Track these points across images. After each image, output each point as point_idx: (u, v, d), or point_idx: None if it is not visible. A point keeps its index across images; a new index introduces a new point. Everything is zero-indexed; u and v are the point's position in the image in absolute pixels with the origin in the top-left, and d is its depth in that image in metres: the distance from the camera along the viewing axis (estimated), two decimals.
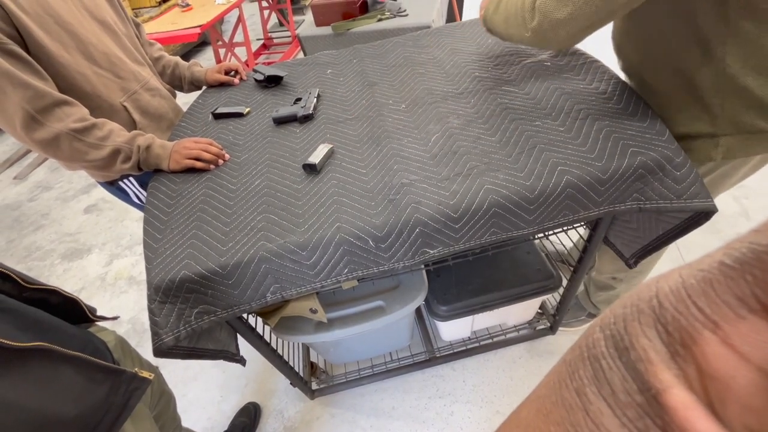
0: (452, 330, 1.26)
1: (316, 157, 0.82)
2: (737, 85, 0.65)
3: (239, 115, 1.05)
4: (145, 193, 0.97)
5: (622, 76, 0.89)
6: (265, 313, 0.92)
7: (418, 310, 1.39)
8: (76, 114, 0.84)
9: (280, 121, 0.98)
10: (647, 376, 0.12)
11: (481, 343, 1.33)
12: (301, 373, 1.23)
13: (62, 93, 0.84)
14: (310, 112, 0.97)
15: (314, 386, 1.32)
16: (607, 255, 1.07)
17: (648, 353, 0.12)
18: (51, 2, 0.84)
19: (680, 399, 0.12)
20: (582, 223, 0.93)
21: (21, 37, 0.79)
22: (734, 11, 0.60)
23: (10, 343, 0.49)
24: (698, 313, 0.12)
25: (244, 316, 0.86)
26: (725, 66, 0.65)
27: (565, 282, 1.14)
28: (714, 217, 0.73)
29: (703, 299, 0.12)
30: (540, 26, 0.67)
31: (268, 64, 1.25)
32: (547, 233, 0.86)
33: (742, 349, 0.11)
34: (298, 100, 1.03)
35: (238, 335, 0.93)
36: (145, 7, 4.30)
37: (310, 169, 0.82)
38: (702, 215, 0.73)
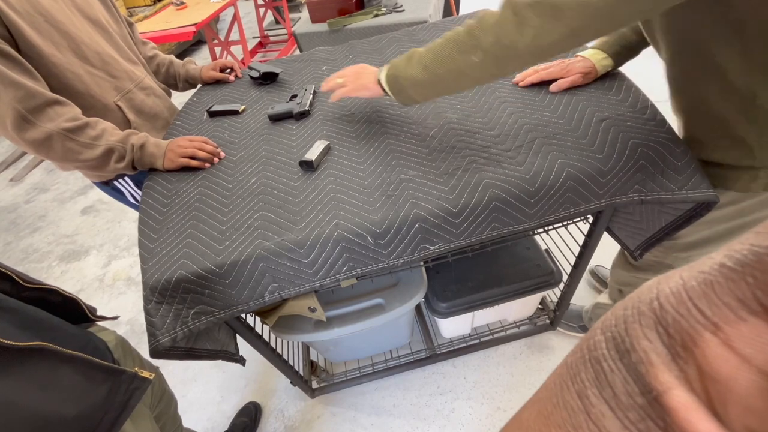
0: (452, 327, 1.26)
1: (312, 154, 0.81)
2: None
3: (234, 112, 1.04)
4: (140, 193, 0.96)
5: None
6: (263, 313, 0.91)
7: (418, 308, 1.39)
8: (68, 113, 0.83)
9: (276, 118, 0.97)
10: (648, 378, 0.12)
11: (482, 339, 1.33)
12: (302, 372, 1.22)
13: (55, 93, 0.83)
14: (306, 108, 0.96)
15: (315, 385, 1.31)
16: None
17: (649, 355, 0.13)
18: (42, 1, 0.83)
19: (681, 400, 0.12)
20: (582, 218, 0.93)
21: (12, 36, 0.78)
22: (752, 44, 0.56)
23: (10, 342, 0.48)
24: (699, 315, 0.12)
25: (243, 315, 0.85)
26: (755, 98, 0.60)
27: (565, 277, 1.13)
28: None
29: (704, 301, 0.12)
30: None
31: (265, 61, 1.24)
32: (547, 227, 0.86)
33: (742, 350, 0.11)
34: (294, 96, 1.02)
35: (237, 335, 0.93)
36: (139, 6, 4.27)
37: (307, 166, 0.81)
38: (703, 206, 0.72)
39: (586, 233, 0.96)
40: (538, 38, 0.55)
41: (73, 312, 0.70)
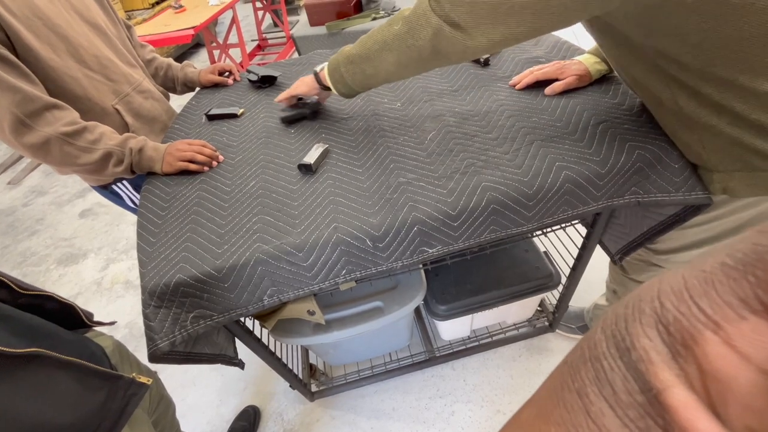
0: (452, 329, 1.26)
1: (311, 157, 0.81)
2: (704, 124, 0.60)
3: (233, 116, 1.04)
4: (138, 196, 0.96)
5: None
6: (262, 316, 0.91)
7: (417, 310, 1.39)
8: (66, 117, 0.83)
9: (291, 120, 0.96)
10: (648, 376, 0.12)
11: (481, 342, 1.33)
12: (300, 376, 1.22)
13: (53, 96, 0.83)
14: (317, 106, 0.96)
15: (314, 388, 1.31)
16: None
17: (649, 353, 0.13)
18: (40, 5, 0.83)
19: (681, 398, 0.12)
20: (579, 221, 0.93)
21: (9, 40, 0.78)
22: (668, 66, 0.58)
23: (5, 349, 0.48)
24: (700, 314, 0.12)
25: (242, 319, 0.85)
26: (681, 108, 0.62)
27: (564, 279, 1.13)
28: None
29: (705, 300, 0.12)
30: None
31: (263, 64, 1.24)
32: (546, 230, 0.86)
33: (743, 349, 0.11)
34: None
35: (236, 338, 0.92)
36: (137, 9, 4.28)
37: (306, 169, 0.81)
38: (689, 211, 0.73)
39: (584, 235, 0.97)
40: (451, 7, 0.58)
41: (69, 318, 0.69)
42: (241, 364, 0.93)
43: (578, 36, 3.05)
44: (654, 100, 0.67)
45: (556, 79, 0.85)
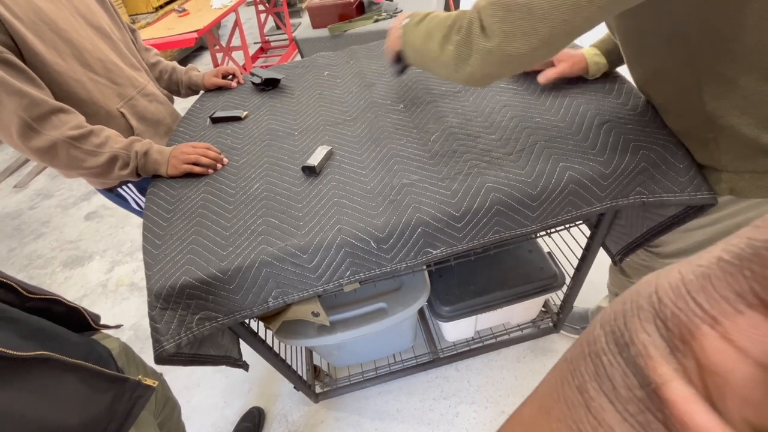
0: (455, 330, 1.25)
1: (315, 159, 0.81)
2: (723, 124, 0.60)
3: (237, 118, 1.04)
4: (144, 199, 0.96)
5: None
6: (267, 318, 0.91)
7: (421, 311, 1.39)
8: (73, 121, 0.83)
9: (403, 70, 0.90)
10: (647, 371, 0.12)
11: (485, 343, 1.32)
12: (305, 377, 1.22)
13: (58, 100, 0.84)
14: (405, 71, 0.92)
15: (318, 390, 1.31)
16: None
17: (647, 348, 0.13)
18: (45, 10, 0.84)
19: (679, 392, 0.12)
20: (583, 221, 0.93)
21: (16, 45, 0.78)
22: (704, 56, 0.57)
23: (13, 352, 0.48)
24: (697, 309, 0.12)
25: (246, 321, 0.85)
26: (704, 104, 0.61)
27: (568, 280, 1.13)
28: None
29: (702, 295, 0.12)
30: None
31: (266, 67, 1.24)
32: (550, 230, 0.86)
33: (740, 343, 0.11)
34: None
35: (241, 340, 0.93)
36: (141, 13, 4.31)
37: (310, 171, 0.81)
38: (690, 212, 0.72)
39: (588, 236, 0.96)
40: (502, 43, 0.56)
41: (76, 321, 0.70)
42: (245, 366, 0.94)
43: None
44: (675, 95, 0.65)
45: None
